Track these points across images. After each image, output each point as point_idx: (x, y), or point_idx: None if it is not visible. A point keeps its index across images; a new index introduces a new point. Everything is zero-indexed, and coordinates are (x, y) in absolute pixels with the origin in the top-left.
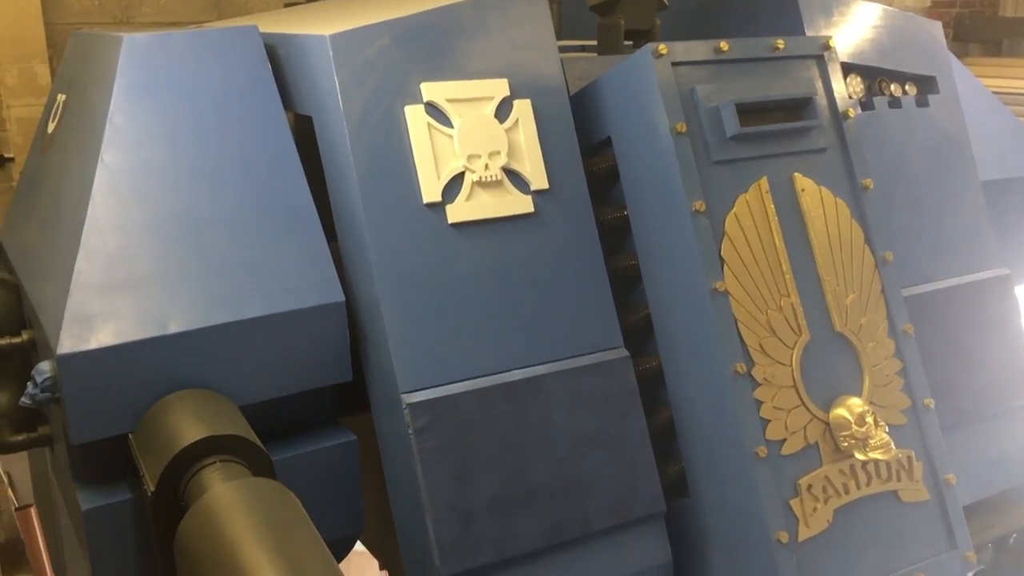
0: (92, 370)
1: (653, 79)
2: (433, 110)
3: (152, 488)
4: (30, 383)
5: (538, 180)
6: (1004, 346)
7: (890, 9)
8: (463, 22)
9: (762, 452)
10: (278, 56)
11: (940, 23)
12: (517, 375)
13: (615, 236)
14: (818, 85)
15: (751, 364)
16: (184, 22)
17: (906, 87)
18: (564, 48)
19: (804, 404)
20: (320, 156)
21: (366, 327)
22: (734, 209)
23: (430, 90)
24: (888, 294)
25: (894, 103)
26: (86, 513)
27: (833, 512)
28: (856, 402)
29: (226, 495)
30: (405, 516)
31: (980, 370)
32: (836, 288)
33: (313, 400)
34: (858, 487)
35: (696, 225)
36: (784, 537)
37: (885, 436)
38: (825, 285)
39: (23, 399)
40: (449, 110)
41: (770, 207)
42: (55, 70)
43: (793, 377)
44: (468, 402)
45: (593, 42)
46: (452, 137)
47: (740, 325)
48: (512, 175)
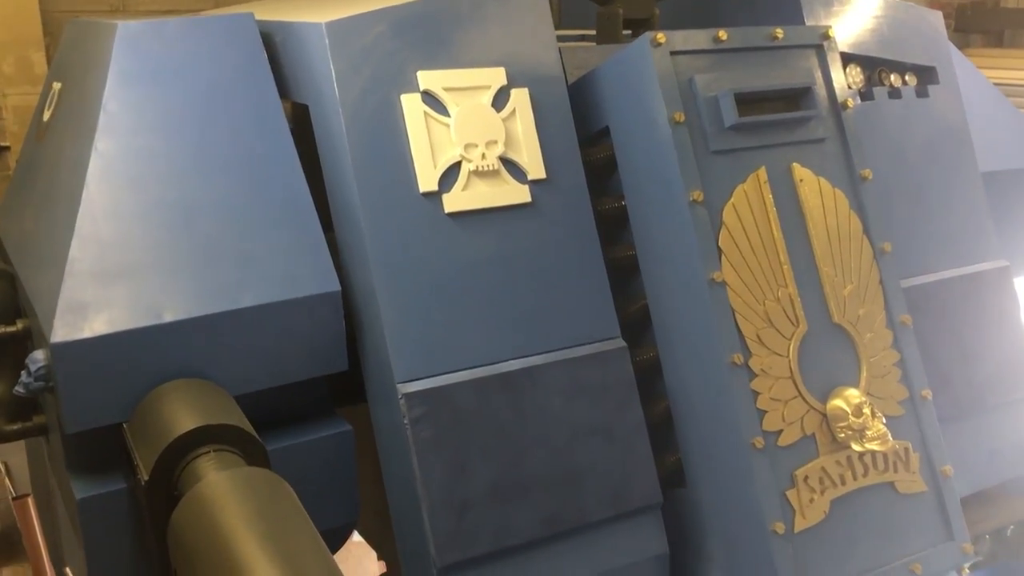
0: (86, 359)
1: (651, 68)
2: (430, 99)
3: (146, 477)
4: (24, 372)
5: (535, 170)
6: (1002, 338)
7: None
8: (460, 10)
9: (759, 443)
10: (274, 44)
11: (940, 13)
12: (514, 365)
13: (613, 226)
14: (817, 75)
15: (748, 355)
16: (181, 10)
17: (906, 77)
18: (563, 37)
19: (801, 395)
20: (316, 145)
21: (362, 317)
22: (732, 199)
23: (427, 78)
24: (886, 285)
25: (894, 93)
26: (81, 502)
27: (830, 503)
28: (853, 393)
29: (220, 484)
30: (401, 506)
31: (978, 362)
32: (834, 279)
33: (309, 390)
34: (855, 478)
35: (694, 215)
36: (780, 528)
37: (882, 427)
38: (823, 276)
39: (17, 388)
40: (446, 99)
41: (768, 197)
42: (51, 58)
43: (790, 368)
44: (464, 392)
45: (592, 31)
46: (449, 126)
47: (737, 316)
48: (509, 164)
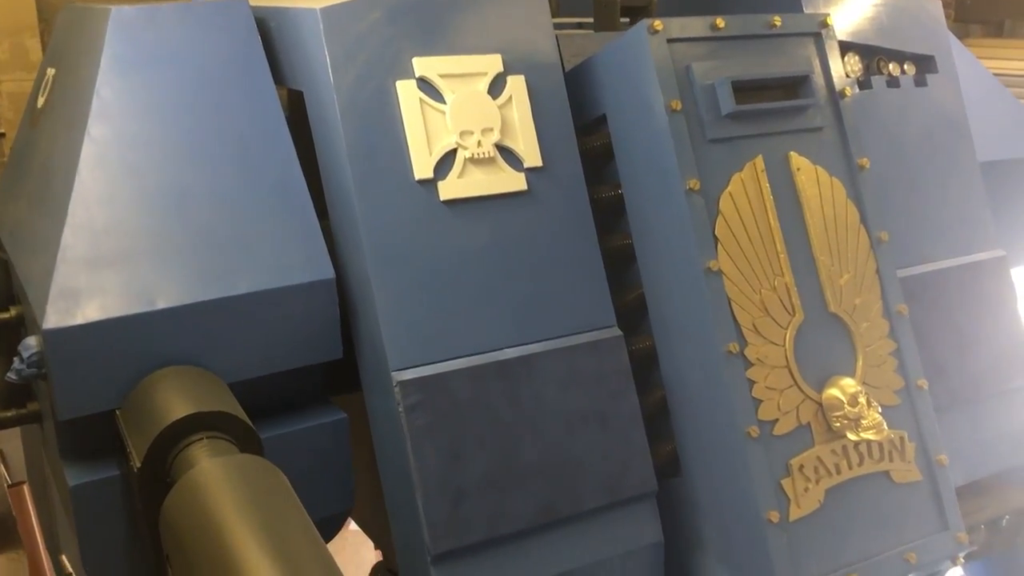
0: (78, 345)
1: (648, 56)
2: (425, 85)
3: (139, 464)
4: (16, 358)
5: (531, 157)
6: (999, 328)
7: None
8: None
9: (754, 432)
10: (269, 30)
11: (940, 2)
12: (509, 353)
13: (609, 215)
14: (815, 63)
15: (744, 344)
16: None
17: (905, 66)
18: (560, 25)
19: (797, 384)
20: (311, 131)
21: (357, 304)
22: (729, 188)
23: (422, 65)
24: (883, 274)
25: (892, 82)
26: (73, 489)
27: (825, 492)
28: (849, 382)
29: (212, 471)
30: (396, 494)
31: (975, 352)
32: (830, 268)
33: (303, 378)
34: (850, 467)
35: (690, 204)
36: (775, 517)
37: (878, 416)
38: (819, 265)
39: (9, 374)
40: (442, 85)
41: (765, 186)
42: (47, 44)
43: (786, 357)
44: (459, 380)
45: (590, 19)
46: (444, 113)
47: (733, 305)
48: (505, 152)
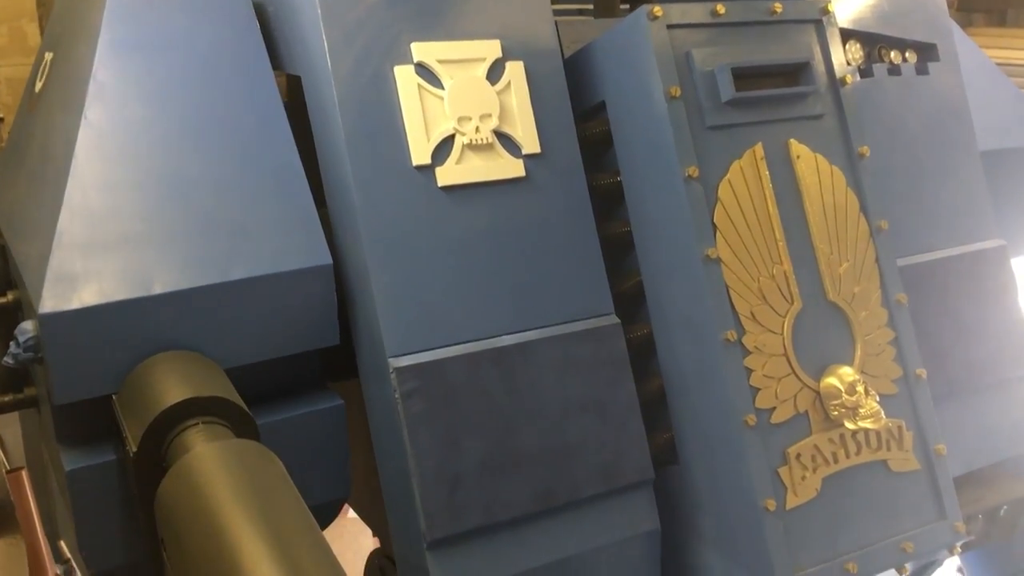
0: (74, 330)
1: (648, 42)
2: (423, 71)
3: (134, 449)
4: (12, 342)
5: (530, 144)
6: (999, 318)
7: None
8: None
9: (751, 420)
10: (267, 14)
11: None
12: (506, 340)
13: (608, 202)
14: (816, 50)
15: (742, 332)
16: None
17: (906, 54)
18: (560, 11)
19: (795, 373)
20: (309, 117)
21: (354, 290)
22: (728, 175)
23: (421, 50)
24: (882, 263)
25: (893, 70)
26: (70, 474)
27: (822, 481)
28: (847, 371)
29: (207, 456)
30: (392, 481)
31: (974, 341)
32: (830, 256)
33: (301, 364)
34: (847, 456)
35: (689, 191)
36: (772, 505)
37: (876, 405)
38: (819, 253)
39: (6, 358)
40: (440, 71)
41: (764, 174)
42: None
43: (784, 345)
44: (456, 367)
45: (589, 5)
46: (442, 99)
47: (732, 292)
48: (503, 138)
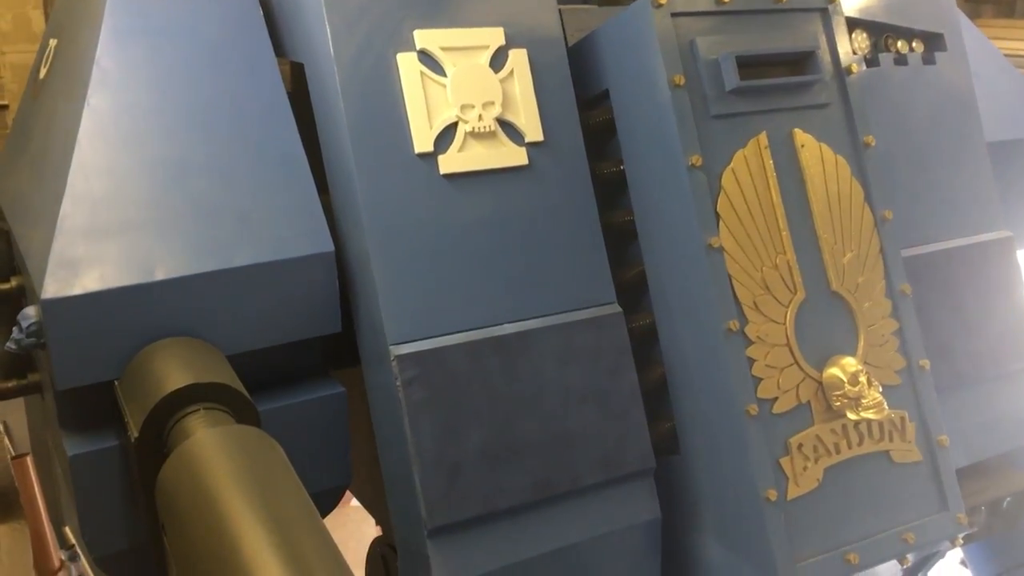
0: (77, 315)
1: (652, 30)
2: (426, 58)
3: (136, 434)
4: (15, 328)
5: (533, 132)
6: (1004, 309)
7: None
8: None
9: (753, 410)
10: (270, 1)
11: None
12: (508, 329)
13: (611, 191)
14: (821, 39)
15: (745, 321)
16: None
17: (913, 44)
18: (564, 0)
19: (797, 363)
20: (311, 104)
21: (356, 278)
22: (731, 164)
23: (423, 37)
24: (886, 253)
25: (900, 60)
26: (72, 459)
27: (823, 471)
28: (850, 362)
29: (208, 441)
30: (393, 468)
31: (979, 333)
32: (833, 246)
33: (302, 351)
34: (849, 447)
35: (692, 180)
36: (773, 495)
37: (878, 396)
38: (822, 243)
39: (9, 344)
40: (443, 58)
41: (768, 163)
42: (49, 15)
43: (787, 335)
44: (457, 355)
45: None
46: (445, 86)
47: (734, 282)
48: (506, 126)
